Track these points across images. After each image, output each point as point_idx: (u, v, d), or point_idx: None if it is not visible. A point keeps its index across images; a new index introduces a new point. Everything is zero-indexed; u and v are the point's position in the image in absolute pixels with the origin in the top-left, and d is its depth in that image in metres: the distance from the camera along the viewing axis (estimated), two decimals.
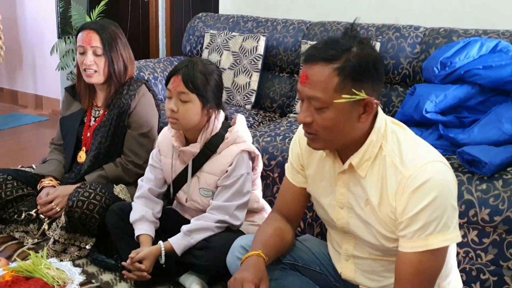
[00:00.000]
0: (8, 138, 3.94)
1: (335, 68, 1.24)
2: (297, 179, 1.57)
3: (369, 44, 1.29)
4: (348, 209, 1.43)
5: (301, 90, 1.30)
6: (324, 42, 1.29)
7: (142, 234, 1.90)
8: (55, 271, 1.70)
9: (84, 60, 2.18)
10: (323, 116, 1.27)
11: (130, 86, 2.26)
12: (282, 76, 2.99)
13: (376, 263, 1.46)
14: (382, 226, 1.35)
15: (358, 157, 1.34)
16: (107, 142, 2.22)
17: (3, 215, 2.24)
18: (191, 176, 1.95)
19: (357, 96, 1.25)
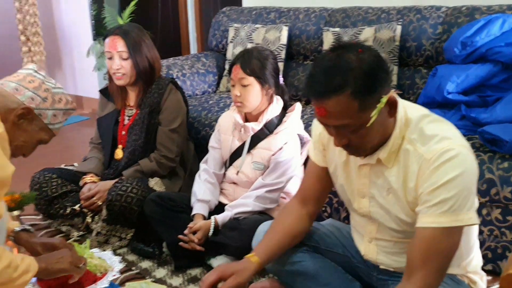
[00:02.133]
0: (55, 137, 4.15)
1: (350, 94, 1.23)
2: (320, 158, 1.60)
3: (363, 50, 1.28)
4: (369, 198, 1.47)
5: (324, 122, 1.31)
6: (323, 72, 1.27)
7: (200, 214, 2.11)
8: (97, 260, 1.83)
9: (112, 65, 2.31)
10: (358, 134, 1.30)
11: (159, 85, 2.37)
12: (306, 64, 3.04)
13: (398, 245, 1.49)
14: (404, 213, 1.39)
15: (386, 151, 1.36)
16: (141, 139, 2.35)
17: (50, 210, 2.41)
18: (246, 151, 2.10)
19: (382, 104, 1.27)
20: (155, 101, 2.34)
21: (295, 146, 2.11)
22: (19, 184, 2.86)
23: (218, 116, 2.35)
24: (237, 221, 2.05)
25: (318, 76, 1.27)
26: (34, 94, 1.56)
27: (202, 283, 1.52)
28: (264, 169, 2.10)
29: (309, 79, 1.31)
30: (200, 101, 2.91)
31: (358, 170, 1.47)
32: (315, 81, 1.28)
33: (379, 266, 1.58)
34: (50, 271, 1.59)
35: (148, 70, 2.34)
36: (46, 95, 1.58)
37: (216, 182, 2.22)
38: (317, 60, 1.33)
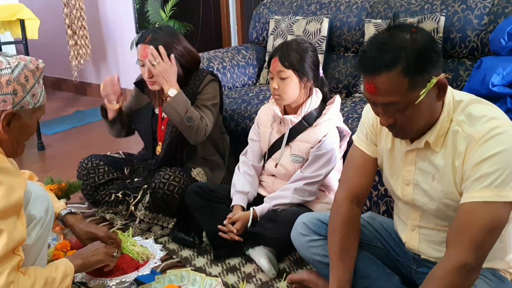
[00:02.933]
0: (98, 129, 4.28)
1: (400, 71, 1.24)
2: (372, 149, 1.59)
3: (417, 30, 1.29)
4: (413, 186, 1.47)
5: (373, 99, 1.32)
6: (376, 48, 1.29)
7: (239, 205, 2.14)
8: (139, 248, 1.90)
9: (144, 72, 2.30)
10: (406, 114, 1.30)
11: (196, 77, 2.36)
12: (347, 56, 3.02)
13: (441, 233, 1.48)
14: (449, 197, 1.39)
15: (434, 134, 1.37)
16: (178, 131, 2.35)
17: (96, 196, 2.50)
18: (285, 144, 2.12)
19: (431, 84, 1.27)
20: (192, 92, 2.34)
21: (334, 138, 2.10)
22: (66, 172, 3.01)
23: (258, 109, 2.37)
24: (275, 213, 2.06)
25: (370, 52, 1.29)
26: (1, 96, 1.39)
27: None
28: (303, 161, 2.11)
29: (362, 55, 1.33)
30: (240, 94, 2.93)
31: (404, 157, 1.47)
32: (367, 57, 1.30)
33: (419, 256, 1.57)
34: (88, 265, 1.65)
35: (181, 73, 2.32)
36: (12, 87, 1.40)
37: (255, 174, 2.24)
38: (371, 38, 1.34)
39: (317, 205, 2.15)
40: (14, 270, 1.34)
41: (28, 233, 1.49)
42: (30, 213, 1.51)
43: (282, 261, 2.10)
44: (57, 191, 2.21)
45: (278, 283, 1.96)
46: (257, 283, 1.97)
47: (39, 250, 1.60)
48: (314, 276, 1.85)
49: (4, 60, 1.41)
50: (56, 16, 5.07)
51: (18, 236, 1.34)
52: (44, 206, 1.58)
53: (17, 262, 1.35)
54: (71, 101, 5.36)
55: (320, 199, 2.17)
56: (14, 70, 1.40)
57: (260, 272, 2.03)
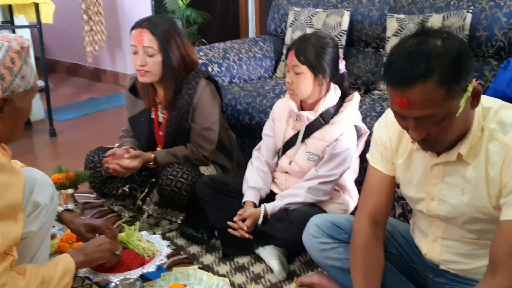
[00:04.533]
0: (111, 116, 4.24)
1: (436, 81, 1.14)
2: (389, 168, 1.50)
3: (448, 35, 1.19)
4: (439, 201, 1.39)
5: (404, 113, 1.21)
6: (405, 57, 1.17)
7: (250, 201, 2.08)
8: (146, 243, 1.85)
9: (136, 60, 2.12)
10: (442, 126, 1.21)
11: (189, 85, 2.20)
12: (367, 52, 2.92)
13: (467, 245, 1.42)
14: (481, 212, 1.31)
15: (467, 145, 1.28)
16: (171, 137, 2.26)
17: (103, 190, 2.45)
18: (300, 141, 2.04)
19: (469, 92, 1.18)
20: (186, 103, 2.20)
21: (351, 137, 2.02)
22: (76, 159, 2.97)
23: (273, 103, 2.29)
24: (286, 212, 2.00)
25: (399, 62, 1.18)
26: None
27: None
28: (318, 160, 2.03)
29: (389, 67, 1.21)
30: (255, 87, 2.86)
31: (429, 171, 1.38)
32: (396, 68, 1.18)
33: (438, 267, 1.50)
34: (90, 261, 1.62)
35: (176, 69, 2.16)
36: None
37: (268, 171, 2.17)
38: (396, 46, 1.23)
39: (330, 205, 2.07)
40: (7, 271, 1.30)
41: (32, 220, 1.49)
42: (35, 200, 1.50)
43: (292, 262, 2.04)
44: (64, 180, 2.17)
45: (287, 285, 1.90)
46: (265, 284, 1.91)
47: (43, 237, 1.59)
48: (325, 279, 1.79)
49: None
50: (72, 1, 5.03)
51: (12, 236, 1.30)
52: (49, 193, 1.55)
53: (9, 262, 1.31)
54: (85, 87, 5.33)
55: (334, 199, 2.10)
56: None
57: (269, 273, 1.97)
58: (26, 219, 1.47)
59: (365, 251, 1.49)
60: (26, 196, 1.47)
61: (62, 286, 1.44)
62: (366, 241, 1.50)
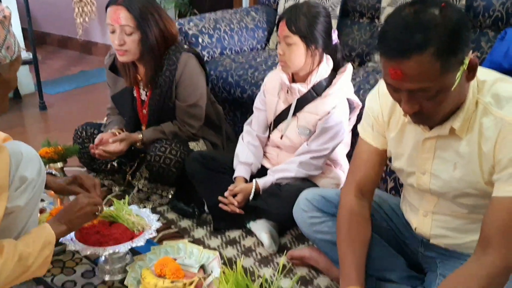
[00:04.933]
0: (102, 90, 4.16)
1: (432, 53, 1.09)
2: (380, 141, 1.48)
3: (446, 5, 1.13)
4: (431, 175, 1.37)
5: (398, 85, 1.17)
6: (401, 28, 1.12)
7: (241, 176, 2.06)
8: (135, 218, 1.82)
9: (114, 40, 2.05)
10: (435, 100, 1.17)
11: (170, 61, 2.13)
12: (361, 22, 2.85)
13: (458, 220, 1.40)
14: (473, 188, 1.29)
15: (460, 119, 1.24)
16: (155, 115, 2.22)
17: (93, 165, 2.42)
18: (292, 115, 2.00)
19: (465, 66, 1.14)
20: (168, 80, 2.13)
21: (343, 111, 1.99)
22: (67, 133, 2.93)
23: (265, 76, 2.25)
24: (278, 187, 1.98)
25: (395, 32, 1.13)
26: None
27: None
28: (310, 134, 2.00)
29: (384, 37, 1.16)
30: (247, 59, 2.80)
31: (421, 145, 1.35)
32: (392, 39, 1.13)
33: (428, 241, 1.49)
34: (72, 229, 1.59)
35: (155, 46, 2.08)
36: None
37: (259, 145, 2.14)
38: (392, 15, 1.18)
39: (322, 179, 2.05)
40: None
41: (19, 195, 1.45)
42: (22, 175, 1.45)
43: (283, 236, 2.03)
44: (53, 154, 2.13)
45: (278, 258, 1.89)
46: (256, 257, 1.90)
47: (31, 212, 1.56)
48: (315, 253, 1.79)
49: None
50: None
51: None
52: (36, 168, 1.52)
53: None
54: (76, 60, 5.24)
55: (326, 173, 2.08)
56: None
57: (260, 246, 1.96)
58: (13, 194, 1.44)
59: (350, 221, 1.48)
60: (12, 171, 1.44)
61: (41, 260, 1.43)
62: (352, 211, 1.49)
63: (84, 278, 1.80)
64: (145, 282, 1.62)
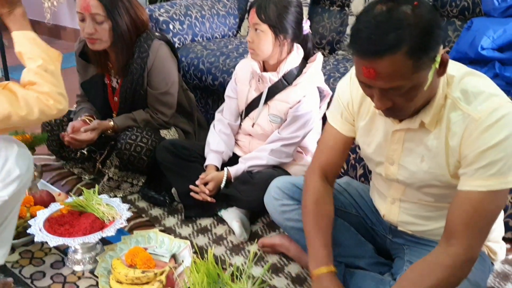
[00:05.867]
0: (71, 75, 4.05)
1: (405, 53, 1.09)
2: (347, 128, 1.49)
3: (419, 3, 1.12)
4: (398, 166, 1.39)
5: (370, 83, 1.18)
6: (373, 27, 1.11)
7: (212, 165, 2.05)
8: (105, 207, 1.81)
9: (84, 28, 2.02)
10: (407, 97, 1.18)
11: (141, 48, 2.11)
12: (332, 10, 2.87)
13: (424, 207, 1.43)
14: (439, 179, 1.31)
15: (430, 114, 1.26)
16: (127, 103, 2.20)
17: (62, 153, 2.38)
18: (263, 103, 2.01)
19: (436, 63, 1.15)
20: (139, 67, 2.11)
21: (314, 99, 2.00)
22: None
23: (237, 63, 2.24)
24: (250, 174, 1.99)
25: (367, 32, 1.12)
26: None
27: None
28: (280, 122, 2.01)
29: (356, 36, 1.16)
30: (218, 46, 2.79)
31: (390, 136, 1.37)
32: (364, 38, 1.13)
33: (396, 228, 1.53)
34: None
35: (127, 34, 2.06)
36: None
37: (231, 133, 2.15)
38: (364, 13, 1.17)
39: (293, 167, 2.07)
40: None
41: (5, 187, 1.47)
42: (11, 168, 1.47)
43: (254, 224, 2.05)
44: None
45: (249, 246, 1.91)
46: (228, 245, 1.91)
47: (12, 207, 1.56)
48: (286, 240, 1.81)
49: None
50: None
51: None
52: (26, 164, 1.53)
53: None
54: None
55: (297, 160, 2.10)
56: None
57: (231, 234, 1.97)
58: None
59: (316, 202, 1.49)
60: (2, 160, 1.46)
61: None
62: (318, 192, 1.50)
63: (53, 268, 1.78)
64: (116, 272, 1.62)
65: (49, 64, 1.47)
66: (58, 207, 1.84)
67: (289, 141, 1.99)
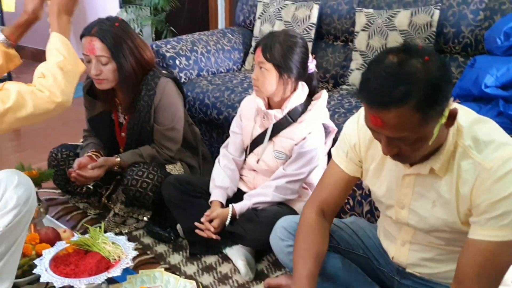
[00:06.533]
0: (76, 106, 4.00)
1: (412, 107, 1.11)
2: (351, 168, 1.50)
3: (430, 58, 1.14)
4: (409, 210, 1.39)
5: (378, 131, 1.20)
6: (383, 78, 1.13)
7: (217, 201, 2.05)
8: (111, 246, 1.81)
9: (90, 69, 2.07)
10: (414, 147, 1.19)
11: (148, 86, 2.15)
12: (336, 45, 2.91)
13: (434, 250, 1.43)
14: (450, 226, 1.31)
15: (440, 161, 1.27)
16: (134, 139, 2.23)
17: (68, 188, 2.39)
18: (268, 139, 2.02)
19: (444, 118, 1.16)
20: (146, 104, 2.15)
21: (319, 136, 2.02)
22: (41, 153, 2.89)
23: (241, 98, 2.27)
24: (255, 212, 1.98)
25: (376, 82, 1.14)
26: None
27: None
28: (285, 158, 2.02)
29: (366, 85, 1.18)
30: (223, 80, 2.82)
31: (401, 180, 1.38)
32: (373, 88, 1.15)
33: (404, 270, 1.51)
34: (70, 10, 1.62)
35: (131, 73, 2.10)
36: None
37: (235, 169, 2.15)
38: (375, 63, 1.19)
39: (299, 203, 2.07)
40: None
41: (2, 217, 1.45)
42: (9, 197, 1.46)
43: (260, 262, 2.04)
44: None
45: (255, 285, 1.89)
46: (233, 285, 1.90)
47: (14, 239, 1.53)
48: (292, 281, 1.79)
49: None
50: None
51: None
52: (26, 195, 1.51)
53: None
54: None
55: (303, 197, 2.09)
56: None
57: (237, 273, 1.96)
58: None
59: (307, 233, 1.49)
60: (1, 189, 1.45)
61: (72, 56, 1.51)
62: (310, 225, 1.50)
63: None
64: None
65: (69, 64, 1.49)
66: (63, 245, 1.84)
67: (294, 177, 2.00)
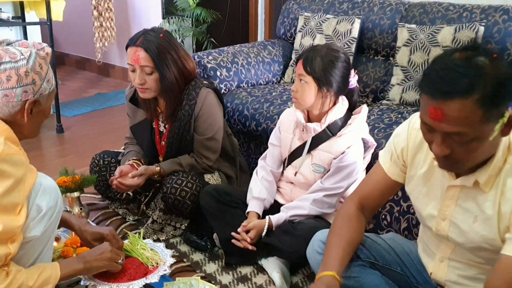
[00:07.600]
0: (118, 114, 4.24)
1: (476, 101, 1.09)
2: (393, 171, 1.51)
3: (498, 56, 1.13)
4: (450, 222, 1.37)
5: (435, 125, 1.16)
6: (449, 69, 1.11)
7: (254, 212, 2.08)
8: (150, 252, 1.85)
9: (134, 78, 2.13)
10: (468, 147, 1.16)
11: (189, 96, 2.20)
12: (376, 60, 2.90)
13: (474, 269, 1.40)
14: (489, 244, 1.29)
15: (486, 174, 1.25)
16: (174, 147, 2.27)
17: (108, 193, 2.45)
18: (306, 152, 2.03)
19: (504, 118, 1.14)
20: (187, 114, 2.20)
21: (358, 150, 2.01)
22: (83, 158, 2.98)
23: (281, 110, 2.28)
24: (291, 224, 1.99)
25: (442, 72, 1.12)
26: (22, 87, 1.45)
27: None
28: (324, 172, 2.02)
29: (429, 75, 1.15)
30: (263, 92, 2.85)
31: (445, 191, 1.36)
32: (438, 77, 1.12)
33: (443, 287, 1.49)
34: (89, 269, 1.65)
35: (174, 83, 2.15)
36: (31, 77, 1.46)
37: (273, 180, 2.17)
38: (440, 56, 1.17)
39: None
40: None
41: (36, 225, 1.52)
42: (39, 205, 1.52)
43: (295, 274, 2.03)
44: (70, 184, 2.17)
45: None
46: None
47: (46, 241, 1.61)
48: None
49: (16, 51, 1.46)
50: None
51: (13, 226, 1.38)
52: (53, 198, 1.59)
53: (4, 253, 1.37)
54: (93, 81, 5.33)
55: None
56: (29, 60, 1.46)
57: (271, 285, 1.97)
58: (31, 224, 1.50)
59: (344, 222, 1.52)
60: (31, 200, 1.50)
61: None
62: (349, 215, 1.54)
63: None
64: None
65: None
66: None
67: (332, 191, 2.00)
